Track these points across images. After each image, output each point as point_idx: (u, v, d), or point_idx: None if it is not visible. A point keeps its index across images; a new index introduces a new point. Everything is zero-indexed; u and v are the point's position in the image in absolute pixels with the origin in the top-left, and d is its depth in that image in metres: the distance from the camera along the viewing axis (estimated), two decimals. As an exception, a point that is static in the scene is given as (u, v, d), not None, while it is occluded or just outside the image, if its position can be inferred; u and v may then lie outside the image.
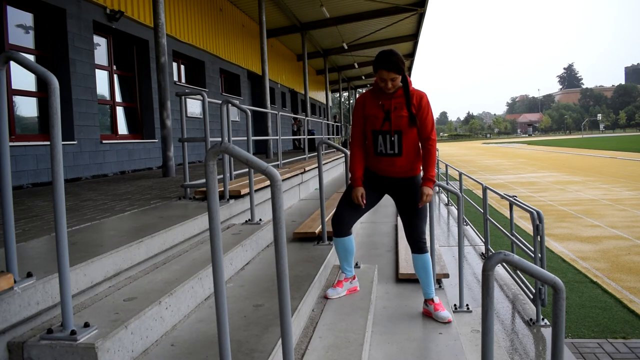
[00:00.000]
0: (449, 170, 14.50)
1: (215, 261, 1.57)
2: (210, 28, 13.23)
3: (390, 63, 2.80)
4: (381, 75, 2.84)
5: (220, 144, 1.59)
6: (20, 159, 6.61)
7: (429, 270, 3.07)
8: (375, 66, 2.86)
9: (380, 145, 2.95)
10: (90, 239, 2.68)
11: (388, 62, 2.80)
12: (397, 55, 2.84)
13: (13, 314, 1.69)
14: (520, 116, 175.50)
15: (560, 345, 1.59)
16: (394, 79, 2.84)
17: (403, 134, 2.89)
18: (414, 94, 2.92)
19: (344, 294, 3.12)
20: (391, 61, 2.80)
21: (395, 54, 2.84)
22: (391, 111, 2.89)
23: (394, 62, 2.80)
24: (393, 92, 2.92)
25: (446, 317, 2.98)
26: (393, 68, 2.80)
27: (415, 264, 3.09)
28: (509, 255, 1.56)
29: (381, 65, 2.82)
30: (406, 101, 2.89)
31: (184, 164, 4.34)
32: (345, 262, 3.19)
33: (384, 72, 2.82)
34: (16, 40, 7.08)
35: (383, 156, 2.97)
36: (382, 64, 2.82)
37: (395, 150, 2.92)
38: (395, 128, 2.89)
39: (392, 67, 2.80)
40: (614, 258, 7.77)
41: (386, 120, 2.89)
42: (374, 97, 2.98)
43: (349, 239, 3.15)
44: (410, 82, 2.95)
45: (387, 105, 2.91)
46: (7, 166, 1.76)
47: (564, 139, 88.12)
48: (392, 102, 2.91)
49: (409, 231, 3.04)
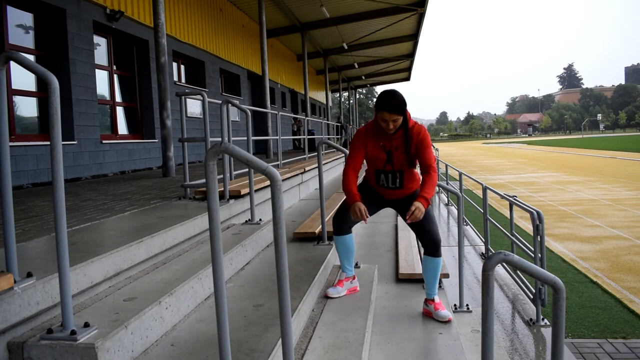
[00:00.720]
0: (449, 170, 14.49)
1: (215, 261, 1.57)
2: (210, 28, 13.23)
3: (392, 105, 2.81)
4: (383, 117, 2.85)
5: (220, 144, 1.59)
6: (20, 159, 6.61)
7: (438, 273, 3.09)
8: (377, 107, 2.88)
9: (382, 180, 3.05)
10: (90, 239, 2.68)
11: (390, 105, 2.81)
12: (398, 97, 2.83)
13: (13, 314, 1.69)
14: (520, 116, 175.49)
15: (560, 345, 1.59)
16: (396, 120, 2.86)
17: (405, 172, 2.99)
18: (413, 131, 2.94)
19: (344, 293, 3.13)
20: (393, 103, 2.81)
21: (397, 96, 2.84)
22: (392, 152, 2.95)
23: (395, 105, 2.81)
24: (394, 132, 2.95)
25: (446, 316, 2.98)
26: (395, 110, 2.82)
27: (426, 265, 3.07)
28: (509, 255, 1.56)
29: (383, 107, 2.82)
30: (405, 142, 2.94)
31: (184, 164, 4.34)
32: (346, 261, 3.19)
33: (385, 113, 2.83)
34: (16, 40, 7.08)
35: (385, 188, 3.08)
36: (384, 105, 2.82)
37: (397, 184, 3.03)
38: (397, 168, 2.98)
39: (393, 109, 2.81)
40: (614, 258, 7.77)
41: (388, 162, 2.96)
42: (376, 136, 3.00)
43: (349, 237, 3.17)
44: (409, 117, 2.98)
45: (388, 146, 2.97)
46: (7, 166, 1.76)
47: (564, 139, 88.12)
48: (393, 143, 2.96)
49: (423, 237, 3.02)
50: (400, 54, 25.90)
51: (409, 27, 19.98)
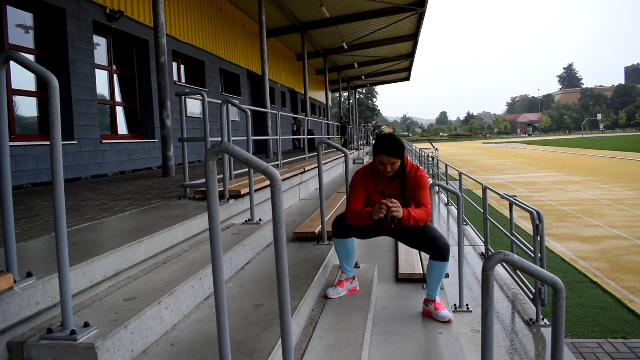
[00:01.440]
0: (449, 170, 14.49)
1: (215, 261, 1.57)
2: (210, 28, 13.23)
3: (390, 149, 2.88)
4: (381, 160, 2.92)
5: (220, 144, 1.59)
6: (20, 159, 6.61)
7: (442, 277, 3.09)
8: (374, 150, 2.96)
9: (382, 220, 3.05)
10: (90, 239, 2.68)
11: (388, 148, 2.88)
12: (396, 141, 2.92)
13: (13, 314, 1.69)
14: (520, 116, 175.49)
15: (560, 345, 1.59)
16: (394, 163, 2.92)
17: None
18: (410, 175, 3.01)
19: (344, 293, 3.13)
20: (390, 147, 2.88)
21: (394, 140, 2.92)
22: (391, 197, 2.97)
23: (393, 148, 2.88)
24: (392, 177, 3.01)
25: (446, 316, 2.98)
26: (392, 153, 2.89)
27: (432, 268, 3.06)
28: (509, 255, 1.56)
29: (381, 150, 2.90)
30: (402, 189, 3.01)
31: (184, 164, 4.34)
32: (346, 263, 3.20)
33: (383, 156, 2.90)
34: (16, 40, 7.08)
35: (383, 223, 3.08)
36: (381, 149, 2.90)
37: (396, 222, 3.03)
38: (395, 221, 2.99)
39: (391, 153, 2.89)
40: (614, 258, 7.77)
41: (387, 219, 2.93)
42: (375, 180, 3.07)
43: (350, 240, 3.17)
44: (407, 161, 3.03)
45: (387, 192, 3.05)
46: (7, 166, 1.76)
47: (564, 139, 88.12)
48: (392, 189, 3.03)
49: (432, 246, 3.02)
50: (400, 54, 25.90)
51: (409, 27, 19.98)
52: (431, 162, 19.64)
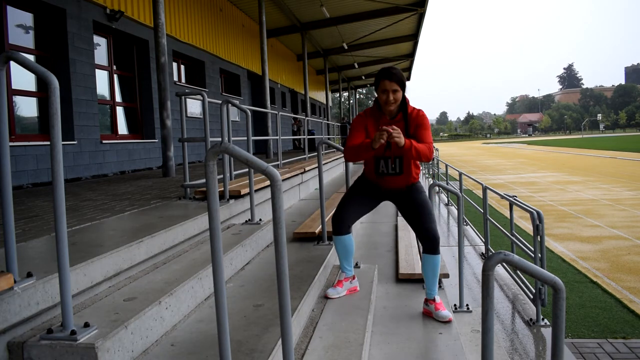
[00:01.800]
0: (449, 170, 14.49)
1: (215, 261, 1.57)
2: (210, 28, 13.23)
3: (392, 74, 2.88)
4: (383, 86, 2.89)
5: (220, 144, 1.59)
6: (20, 159, 6.61)
7: (437, 272, 3.07)
8: (377, 79, 2.93)
9: (382, 167, 3.04)
10: (90, 239, 2.68)
11: (389, 73, 2.89)
12: (398, 69, 2.94)
13: (13, 314, 1.69)
14: (520, 116, 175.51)
15: (560, 345, 1.59)
16: (396, 90, 2.88)
17: (404, 157, 2.96)
18: (412, 115, 2.97)
19: (344, 293, 3.13)
20: (392, 72, 2.89)
21: (397, 68, 2.95)
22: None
23: (395, 74, 2.89)
24: (393, 116, 2.97)
25: (447, 316, 2.98)
26: (394, 79, 2.87)
27: (425, 263, 3.06)
28: (509, 255, 1.56)
29: (383, 75, 2.90)
30: (405, 126, 2.95)
31: (184, 164, 4.34)
32: (345, 261, 3.19)
33: (386, 82, 2.88)
34: (16, 40, 7.08)
35: (384, 175, 3.05)
36: (383, 75, 2.90)
37: (397, 170, 3.01)
38: (396, 154, 2.96)
39: (393, 78, 2.87)
40: (614, 258, 7.77)
41: (387, 147, 2.93)
42: (375, 120, 3.02)
43: (348, 237, 3.15)
44: (408, 102, 3.00)
45: None
46: (7, 166, 1.76)
47: (564, 139, 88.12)
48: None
49: (420, 230, 3.01)
50: (400, 54, 25.91)
51: (409, 27, 19.98)
52: (431, 162, 19.64)
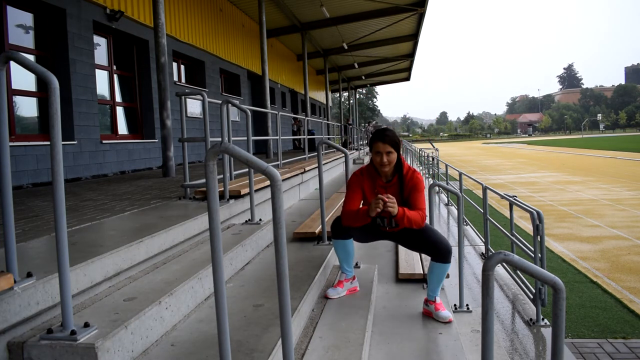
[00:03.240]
0: (449, 170, 14.49)
1: (215, 261, 1.57)
2: (210, 28, 13.23)
3: (385, 136, 2.90)
4: (377, 149, 2.92)
5: (220, 144, 1.59)
6: (20, 159, 6.61)
7: (442, 278, 3.09)
8: (370, 142, 2.97)
9: (378, 222, 3.09)
10: (90, 239, 2.68)
11: (383, 135, 2.91)
12: (392, 131, 2.96)
13: (13, 314, 1.69)
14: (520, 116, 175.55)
15: (560, 345, 1.59)
16: (389, 152, 2.90)
17: None
18: (407, 176, 2.99)
19: (344, 294, 3.13)
20: (386, 134, 2.91)
21: (391, 130, 2.97)
22: None
23: (388, 136, 2.91)
24: (389, 179, 3.00)
25: (447, 316, 2.98)
26: (387, 140, 2.89)
27: (434, 270, 3.04)
28: (509, 255, 1.56)
29: (376, 138, 2.92)
30: (400, 190, 2.98)
31: (184, 164, 4.34)
32: (345, 263, 3.19)
33: (379, 144, 2.90)
34: (16, 40, 7.08)
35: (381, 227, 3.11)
36: (377, 137, 2.93)
37: (393, 225, 3.06)
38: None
39: (386, 140, 2.89)
40: (614, 258, 7.77)
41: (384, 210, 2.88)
42: (371, 181, 3.04)
43: (348, 240, 3.16)
44: (404, 162, 3.02)
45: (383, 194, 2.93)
46: (7, 166, 1.75)
47: (564, 139, 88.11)
48: (388, 191, 2.98)
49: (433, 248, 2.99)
50: (400, 54, 25.90)
51: (409, 27, 19.98)
52: (431, 162, 19.63)
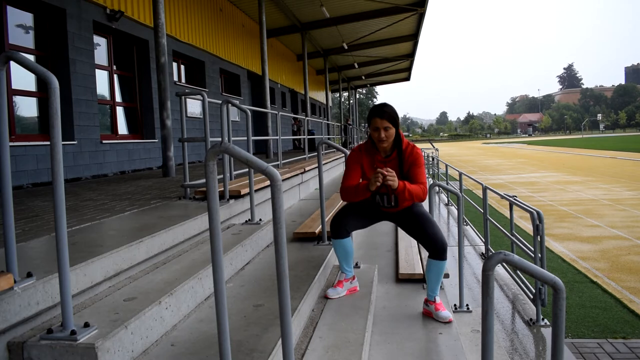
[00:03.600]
0: (449, 170, 14.48)
1: (215, 261, 1.57)
2: (210, 28, 13.23)
3: (383, 112, 2.87)
4: (375, 124, 2.88)
5: (220, 144, 1.59)
6: (20, 159, 6.61)
7: (441, 277, 3.08)
8: (368, 117, 2.94)
9: (377, 200, 3.06)
10: (90, 239, 2.68)
11: (381, 111, 2.87)
12: (390, 106, 2.91)
13: (13, 314, 1.69)
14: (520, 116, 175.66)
15: (560, 345, 1.59)
16: (387, 128, 2.87)
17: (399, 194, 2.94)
18: (406, 152, 2.96)
19: (344, 293, 3.13)
20: (384, 110, 2.87)
21: (389, 105, 2.91)
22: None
23: (387, 112, 2.87)
24: (388, 154, 2.97)
25: (447, 316, 2.98)
26: (385, 116, 2.86)
27: (430, 268, 3.04)
28: (509, 255, 1.56)
29: (374, 114, 2.89)
30: (399, 164, 2.95)
31: (184, 164, 4.34)
32: (345, 263, 3.18)
33: (377, 119, 2.87)
34: (16, 40, 7.08)
35: (380, 206, 3.09)
36: (375, 112, 2.89)
37: (392, 204, 3.04)
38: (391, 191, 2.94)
39: (384, 115, 2.86)
40: (614, 258, 7.77)
41: (383, 185, 2.86)
42: (370, 157, 3.01)
43: (347, 240, 3.14)
44: (403, 137, 2.99)
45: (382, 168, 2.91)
46: (7, 166, 1.76)
47: (564, 139, 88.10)
48: (387, 166, 2.92)
49: (429, 241, 2.99)
50: (400, 54, 25.90)
51: (408, 27, 19.97)
52: (431, 162, 19.64)
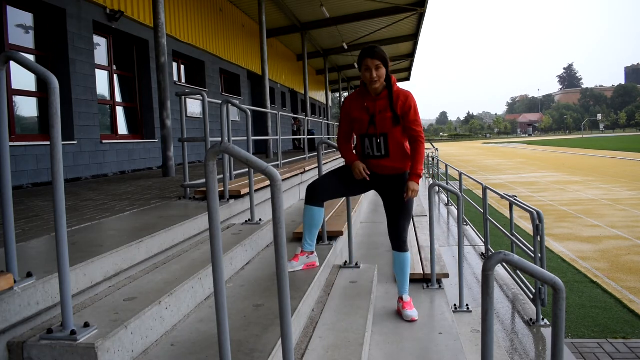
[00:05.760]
0: (449, 170, 14.48)
1: (215, 261, 1.57)
2: (210, 28, 13.23)
3: (374, 52, 2.84)
4: (366, 64, 2.85)
5: (220, 144, 1.59)
6: (20, 159, 6.61)
7: (406, 270, 3.11)
8: (359, 59, 2.91)
9: (367, 148, 2.97)
10: (90, 239, 2.68)
11: (372, 51, 2.85)
12: (380, 48, 2.90)
13: (13, 314, 1.69)
14: (520, 116, 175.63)
15: (560, 345, 1.59)
16: (378, 67, 2.83)
17: (389, 135, 2.89)
18: (399, 94, 2.90)
19: (300, 268, 3.03)
20: (375, 50, 2.85)
21: (378, 47, 2.91)
22: (376, 114, 2.88)
23: (377, 51, 2.85)
24: (378, 93, 2.91)
25: (410, 316, 2.99)
26: (376, 56, 2.83)
27: (395, 261, 3.11)
28: (509, 255, 1.56)
29: (365, 54, 2.86)
30: (390, 102, 2.89)
31: (184, 164, 4.34)
32: (308, 234, 3.08)
33: (368, 59, 2.84)
34: (16, 40, 7.08)
35: (371, 158, 2.98)
36: (365, 53, 2.87)
37: (382, 152, 2.93)
38: (380, 131, 2.88)
39: (375, 55, 2.83)
40: (614, 258, 7.76)
41: (371, 123, 2.88)
42: (360, 99, 2.98)
43: (318, 210, 3.04)
44: (394, 81, 2.94)
45: (371, 108, 2.90)
46: (7, 166, 1.75)
47: (564, 139, 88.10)
48: (377, 104, 2.89)
49: (392, 229, 3.03)
50: (400, 54, 25.90)
51: (409, 27, 19.98)
52: (431, 162, 19.64)
